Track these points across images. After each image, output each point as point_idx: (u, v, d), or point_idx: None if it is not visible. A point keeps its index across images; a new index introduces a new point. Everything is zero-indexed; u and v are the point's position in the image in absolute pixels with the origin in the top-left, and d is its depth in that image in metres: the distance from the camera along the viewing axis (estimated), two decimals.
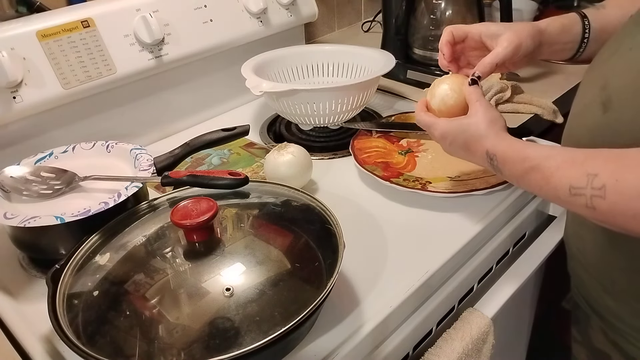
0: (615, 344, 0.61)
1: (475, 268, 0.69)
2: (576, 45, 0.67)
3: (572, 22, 0.66)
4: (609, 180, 0.43)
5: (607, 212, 0.44)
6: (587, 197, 0.45)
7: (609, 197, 0.43)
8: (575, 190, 0.46)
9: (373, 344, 0.58)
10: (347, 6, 1.39)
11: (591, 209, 0.45)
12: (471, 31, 0.67)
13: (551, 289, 0.95)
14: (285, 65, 0.96)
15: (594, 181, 0.44)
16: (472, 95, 0.61)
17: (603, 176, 0.44)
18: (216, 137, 0.71)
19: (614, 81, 0.53)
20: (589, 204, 0.45)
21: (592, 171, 0.45)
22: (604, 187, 0.43)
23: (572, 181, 0.46)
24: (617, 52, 0.54)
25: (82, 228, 0.57)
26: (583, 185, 0.45)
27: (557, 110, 0.90)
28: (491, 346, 0.69)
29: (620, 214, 0.43)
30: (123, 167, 0.69)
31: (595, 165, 0.45)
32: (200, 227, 0.52)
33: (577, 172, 0.46)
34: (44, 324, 0.53)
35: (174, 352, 0.44)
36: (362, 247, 0.65)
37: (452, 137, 0.61)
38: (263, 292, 0.49)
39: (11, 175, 0.64)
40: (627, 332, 0.59)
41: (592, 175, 0.44)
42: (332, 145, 0.88)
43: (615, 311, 0.59)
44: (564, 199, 0.48)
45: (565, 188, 0.47)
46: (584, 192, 0.45)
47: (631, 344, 0.58)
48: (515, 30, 0.64)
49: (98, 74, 0.79)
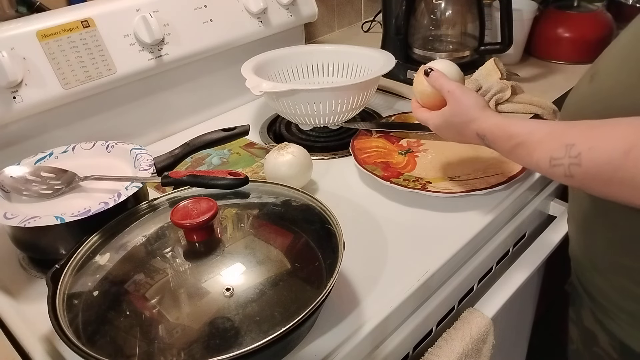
0: (601, 322, 0.62)
1: (475, 268, 0.69)
2: None
3: None
4: (584, 148, 0.46)
5: (583, 178, 0.47)
6: (566, 166, 0.47)
7: (584, 163, 0.46)
8: (555, 161, 0.49)
9: (373, 344, 0.58)
10: (347, 6, 1.39)
11: (569, 177, 0.48)
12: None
13: (551, 288, 0.95)
14: (285, 65, 0.96)
15: (571, 150, 0.47)
16: (438, 84, 0.64)
17: (579, 145, 0.47)
18: (216, 137, 0.71)
19: (604, 59, 0.56)
20: (567, 172, 0.48)
21: (570, 141, 0.47)
22: (580, 154, 0.46)
23: (552, 153, 0.49)
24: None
25: (82, 228, 0.57)
26: (562, 156, 0.48)
27: (557, 110, 0.90)
28: (491, 346, 0.69)
29: (595, 179, 0.46)
30: (123, 167, 0.69)
31: (573, 136, 0.48)
32: (200, 227, 0.52)
33: (556, 144, 0.49)
34: (44, 324, 0.53)
35: (174, 352, 0.44)
36: (362, 247, 0.65)
37: (444, 129, 0.65)
38: (263, 292, 0.49)
39: (11, 175, 0.64)
40: (612, 312, 0.60)
41: (569, 145, 0.47)
42: (332, 145, 0.88)
43: (603, 290, 0.61)
44: (546, 170, 0.51)
45: (546, 160, 0.50)
46: (563, 161, 0.48)
47: (615, 322, 0.60)
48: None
49: (98, 74, 0.79)
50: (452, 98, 0.62)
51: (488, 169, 0.76)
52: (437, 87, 0.65)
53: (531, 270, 0.73)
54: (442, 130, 0.66)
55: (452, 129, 0.64)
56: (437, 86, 0.65)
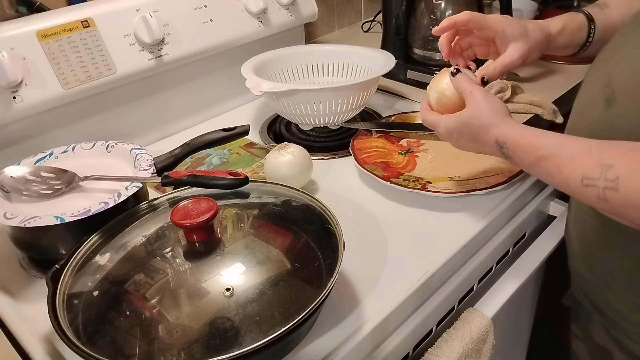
0: (616, 340, 0.61)
1: (475, 268, 0.69)
2: (578, 47, 0.67)
3: (580, 26, 0.66)
4: (624, 173, 0.43)
5: (618, 204, 0.43)
6: (600, 188, 0.44)
7: (622, 189, 0.42)
8: (588, 181, 0.45)
9: (373, 344, 0.58)
10: (347, 6, 1.39)
11: (603, 201, 0.44)
12: (489, 27, 0.65)
13: (551, 289, 0.95)
14: (285, 65, 0.96)
15: (608, 172, 0.43)
16: (461, 86, 0.60)
17: (618, 168, 0.43)
18: (216, 137, 0.71)
19: (618, 78, 0.52)
20: (600, 195, 0.44)
21: (607, 162, 0.44)
22: (618, 179, 0.43)
23: (585, 171, 0.45)
24: (620, 50, 0.54)
25: (82, 228, 0.57)
26: (596, 177, 0.44)
27: (557, 110, 0.90)
28: (491, 346, 0.69)
29: (633, 207, 0.42)
30: (123, 167, 0.69)
31: (611, 157, 0.44)
32: (200, 227, 0.52)
33: (591, 163, 0.45)
34: (44, 324, 0.53)
35: (174, 352, 0.44)
36: (362, 247, 0.65)
37: (457, 132, 0.61)
38: (263, 292, 0.49)
39: (11, 175, 0.64)
40: (628, 329, 0.59)
41: (606, 166, 0.44)
42: (332, 145, 0.88)
43: (617, 308, 0.59)
44: (575, 189, 0.47)
45: (577, 178, 0.46)
46: (597, 183, 0.44)
47: (633, 340, 0.59)
48: (528, 40, 0.64)
49: (98, 74, 0.79)
50: (474, 100, 0.58)
51: (488, 169, 0.76)
52: (460, 88, 0.60)
53: (531, 270, 0.73)
54: (454, 134, 0.61)
55: (467, 133, 0.59)
56: (460, 88, 0.60)
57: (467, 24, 0.66)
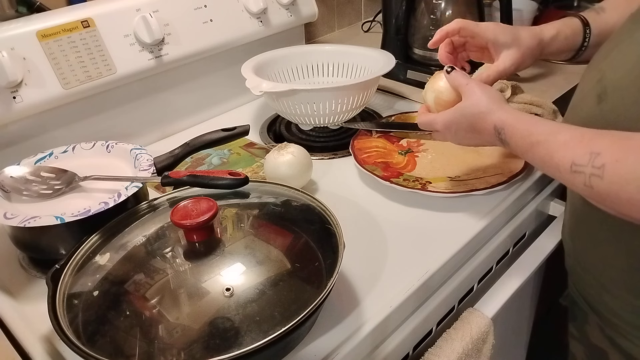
0: (612, 340, 0.61)
1: (475, 268, 0.69)
2: (574, 52, 0.69)
3: (575, 31, 0.67)
4: (609, 160, 0.43)
5: (603, 192, 0.44)
6: (587, 175, 0.44)
7: (606, 177, 0.43)
8: (576, 167, 0.45)
9: (373, 344, 0.58)
10: (347, 6, 1.39)
11: (589, 188, 0.45)
12: (481, 35, 0.66)
13: (551, 288, 0.95)
14: (285, 65, 0.96)
15: (595, 160, 0.44)
16: (457, 81, 0.61)
17: (605, 155, 0.43)
18: (216, 137, 0.71)
19: (610, 74, 0.53)
20: (587, 182, 0.45)
21: (596, 150, 0.44)
22: (604, 166, 0.43)
23: (575, 158, 0.46)
24: (615, 49, 0.55)
25: (82, 228, 0.57)
26: (584, 163, 0.45)
27: (557, 110, 0.90)
28: (491, 346, 0.69)
29: (615, 196, 0.43)
30: (123, 167, 0.69)
31: (601, 145, 0.44)
32: (200, 227, 0.52)
33: (581, 150, 0.46)
34: (44, 324, 0.53)
35: (174, 352, 0.44)
36: (362, 247, 0.65)
37: (455, 125, 0.61)
38: (263, 292, 0.49)
39: (11, 175, 0.64)
40: (624, 329, 0.59)
41: (595, 153, 0.44)
42: (332, 145, 0.88)
43: (613, 308, 0.59)
44: (565, 175, 0.47)
45: (567, 164, 0.46)
46: (584, 169, 0.45)
47: (628, 340, 0.59)
48: (520, 47, 0.65)
49: (98, 74, 0.79)
50: (471, 90, 0.59)
51: (488, 169, 0.76)
52: (456, 83, 0.61)
53: (531, 270, 0.73)
54: (452, 127, 0.61)
55: (465, 123, 0.59)
56: (456, 83, 0.61)
57: (458, 32, 0.67)
